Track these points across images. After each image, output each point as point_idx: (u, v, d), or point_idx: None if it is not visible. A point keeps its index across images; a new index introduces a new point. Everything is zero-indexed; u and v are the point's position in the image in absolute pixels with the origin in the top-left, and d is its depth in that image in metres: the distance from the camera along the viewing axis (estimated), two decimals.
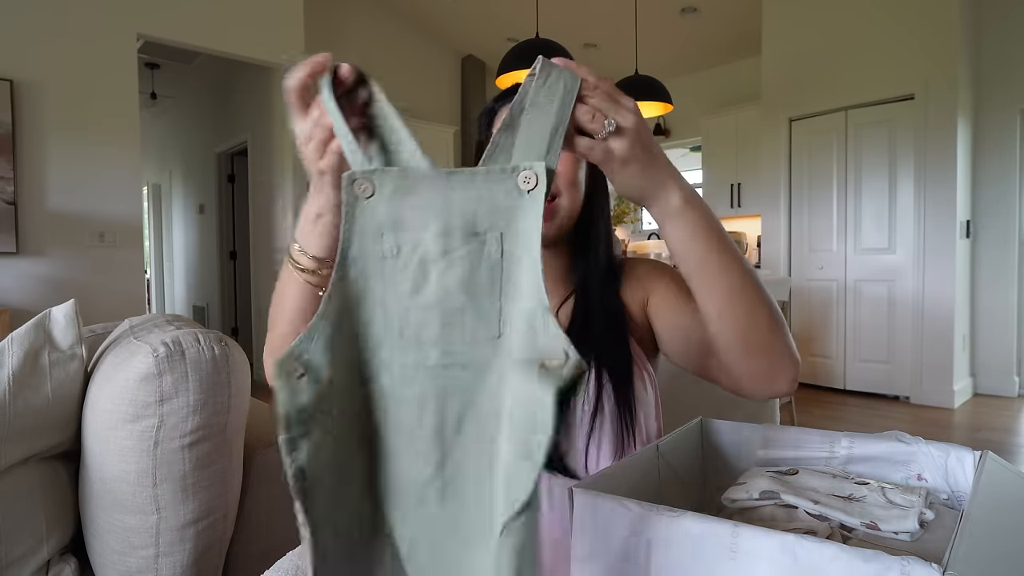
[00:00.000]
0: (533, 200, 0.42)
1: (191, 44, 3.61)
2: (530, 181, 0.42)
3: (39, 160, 3.08)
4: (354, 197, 0.43)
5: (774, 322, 0.59)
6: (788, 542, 0.40)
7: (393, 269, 0.43)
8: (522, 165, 0.42)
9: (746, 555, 0.42)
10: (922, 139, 3.84)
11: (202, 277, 5.95)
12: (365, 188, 0.43)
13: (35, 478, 0.88)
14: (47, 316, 0.91)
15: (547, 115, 0.44)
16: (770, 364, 0.59)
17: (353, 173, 0.44)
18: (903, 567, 0.37)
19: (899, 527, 0.50)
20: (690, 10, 4.77)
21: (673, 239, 0.55)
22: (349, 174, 0.44)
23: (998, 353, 4.02)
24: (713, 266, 0.55)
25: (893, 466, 0.62)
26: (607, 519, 0.50)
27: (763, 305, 0.58)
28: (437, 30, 5.59)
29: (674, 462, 0.66)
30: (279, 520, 1.02)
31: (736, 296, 0.56)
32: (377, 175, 0.43)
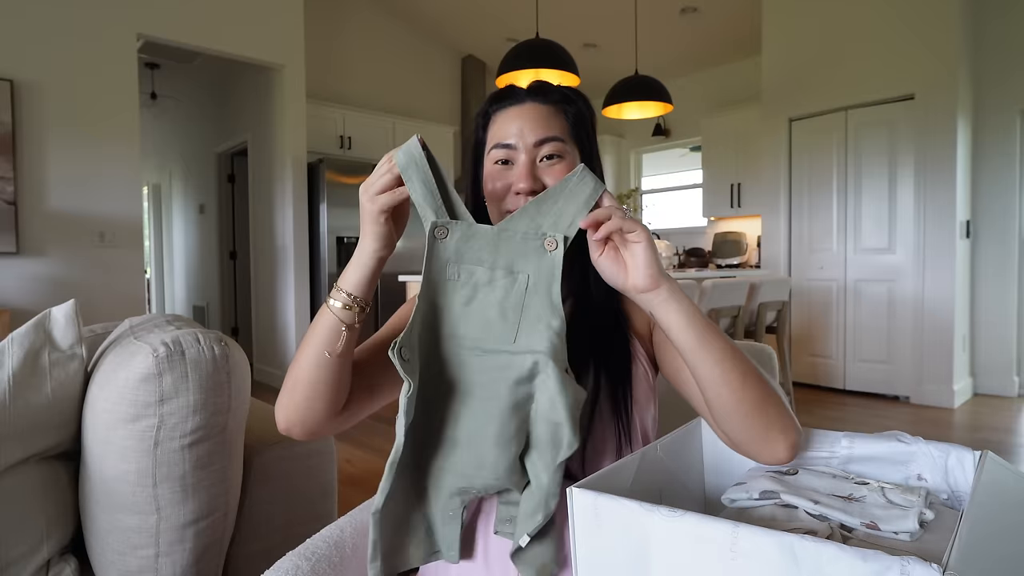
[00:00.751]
0: (554, 257, 0.62)
1: (191, 44, 3.61)
2: (551, 245, 0.62)
3: (39, 160, 3.08)
4: (434, 238, 0.62)
5: (766, 393, 0.62)
6: (788, 542, 0.40)
7: (454, 288, 0.63)
8: (549, 234, 0.62)
9: (746, 555, 0.42)
10: (922, 139, 3.84)
11: (202, 277, 5.95)
12: (442, 232, 0.63)
13: (35, 478, 0.88)
14: (47, 316, 0.91)
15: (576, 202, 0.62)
16: (767, 432, 0.61)
17: (435, 222, 0.62)
18: (903, 567, 0.37)
19: (899, 527, 0.50)
20: (690, 10, 4.77)
21: (672, 319, 0.61)
22: (433, 222, 0.62)
23: (998, 353, 4.02)
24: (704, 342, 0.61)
25: (893, 466, 0.62)
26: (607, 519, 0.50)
27: (754, 377, 0.62)
28: (437, 30, 5.59)
29: (674, 462, 0.66)
30: (279, 520, 1.02)
31: (729, 367, 0.61)
32: (451, 225, 0.63)
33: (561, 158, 0.73)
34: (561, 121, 0.74)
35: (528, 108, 0.74)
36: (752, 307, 3.39)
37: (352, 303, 0.66)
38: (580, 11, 4.90)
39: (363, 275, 0.66)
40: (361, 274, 0.66)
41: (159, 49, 4.05)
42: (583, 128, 0.76)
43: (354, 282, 0.66)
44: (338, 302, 0.66)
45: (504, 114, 0.75)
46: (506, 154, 0.73)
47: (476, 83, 6.04)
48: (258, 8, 3.88)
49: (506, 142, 0.73)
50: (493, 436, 0.60)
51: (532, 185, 0.71)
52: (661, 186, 6.42)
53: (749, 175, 5.08)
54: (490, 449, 0.61)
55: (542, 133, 0.72)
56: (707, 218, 5.66)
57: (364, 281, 0.66)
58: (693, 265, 5.31)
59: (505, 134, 0.74)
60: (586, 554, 0.51)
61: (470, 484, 0.63)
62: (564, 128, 0.74)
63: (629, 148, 6.48)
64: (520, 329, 0.61)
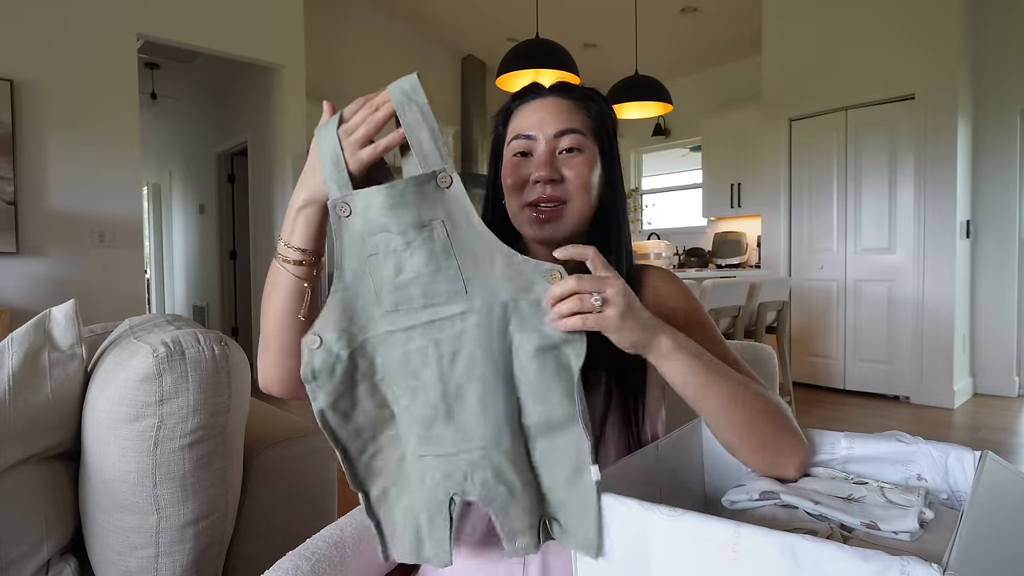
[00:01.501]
0: (454, 192, 0.56)
1: (191, 44, 3.61)
2: (445, 181, 0.56)
3: (39, 160, 3.08)
4: (338, 218, 0.58)
5: (775, 426, 0.62)
6: (788, 542, 0.40)
7: (376, 263, 0.57)
8: (436, 169, 0.56)
9: (746, 555, 0.42)
10: (922, 139, 3.84)
11: (202, 277, 5.95)
12: (344, 210, 0.58)
13: (35, 478, 0.88)
14: (47, 316, 0.91)
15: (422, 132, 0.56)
16: (776, 459, 0.63)
17: (334, 200, 0.58)
18: (903, 567, 0.37)
19: (899, 527, 0.50)
20: (690, 10, 4.77)
21: (670, 375, 0.60)
22: (331, 201, 0.58)
23: (998, 353, 4.02)
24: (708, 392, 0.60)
25: (893, 466, 0.62)
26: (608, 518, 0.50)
27: (762, 414, 0.62)
28: (437, 30, 5.59)
29: (674, 462, 0.66)
30: (279, 520, 1.02)
31: (734, 411, 0.60)
32: (349, 199, 0.57)
33: (580, 151, 0.72)
34: (582, 116, 0.74)
35: (550, 101, 0.74)
36: (752, 307, 3.39)
37: (305, 258, 0.63)
38: (580, 11, 4.90)
39: (314, 231, 0.63)
40: (313, 230, 0.63)
41: (159, 49, 4.05)
42: (604, 127, 0.76)
43: (305, 237, 0.63)
44: (290, 260, 0.63)
45: (526, 108, 0.75)
46: (526, 145, 0.73)
47: (476, 83, 6.04)
48: (258, 8, 3.88)
49: (527, 133, 0.73)
50: (475, 397, 0.56)
51: (551, 174, 0.71)
52: (661, 186, 6.42)
53: (749, 175, 5.08)
54: (473, 413, 0.56)
55: (563, 124, 0.72)
56: (707, 218, 5.66)
57: (315, 235, 0.63)
58: (693, 265, 5.31)
59: (526, 125, 0.74)
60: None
61: (455, 468, 0.57)
62: (585, 123, 0.74)
63: (629, 148, 6.48)
64: (465, 277, 0.56)
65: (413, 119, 0.56)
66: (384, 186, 0.56)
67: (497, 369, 0.56)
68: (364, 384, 0.59)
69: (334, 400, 0.58)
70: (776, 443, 0.62)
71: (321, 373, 0.57)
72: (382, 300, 0.57)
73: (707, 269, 5.03)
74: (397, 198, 0.56)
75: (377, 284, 0.57)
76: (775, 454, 0.62)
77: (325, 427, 0.58)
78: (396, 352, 0.58)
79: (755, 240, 5.09)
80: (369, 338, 0.58)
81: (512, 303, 0.55)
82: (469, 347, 0.56)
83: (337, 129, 0.59)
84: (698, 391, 0.60)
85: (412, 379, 0.58)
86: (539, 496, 0.57)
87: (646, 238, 5.72)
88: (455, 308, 0.56)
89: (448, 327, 0.56)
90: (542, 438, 0.56)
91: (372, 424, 0.60)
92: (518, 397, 0.56)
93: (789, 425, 0.63)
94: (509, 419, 0.56)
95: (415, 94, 0.56)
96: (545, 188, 0.71)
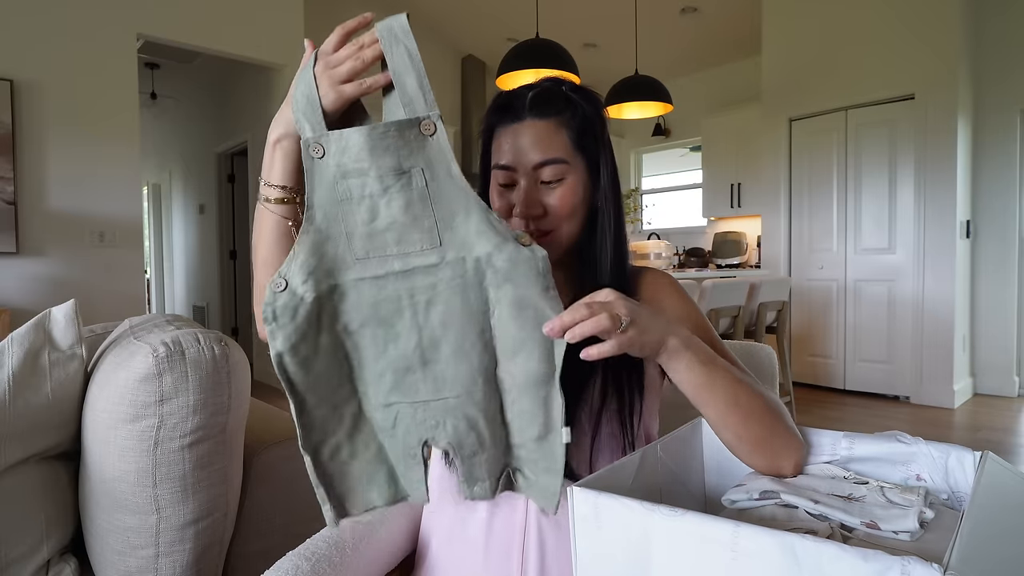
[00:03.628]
0: (438, 140, 0.54)
1: (191, 44, 3.61)
2: (429, 128, 0.54)
3: (39, 160, 3.08)
4: (311, 159, 0.55)
5: (772, 424, 0.63)
6: (789, 542, 0.40)
7: (349, 208, 0.55)
8: (421, 116, 0.53)
9: (746, 555, 0.42)
10: (922, 139, 3.84)
11: (202, 277, 5.95)
12: (317, 150, 0.55)
13: (35, 478, 0.88)
14: (47, 316, 0.91)
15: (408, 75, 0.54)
16: (773, 456, 0.64)
17: (307, 140, 0.55)
18: (903, 567, 0.37)
19: (899, 527, 0.50)
20: (690, 10, 4.77)
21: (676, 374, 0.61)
22: (305, 140, 0.55)
23: (998, 353, 4.02)
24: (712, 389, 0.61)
25: (893, 466, 0.62)
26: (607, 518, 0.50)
27: (760, 414, 0.62)
28: (437, 30, 5.58)
29: (674, 462, 0.66)
30: (279, 520, 1.02)
31: (734, 410, 0.61)
32: (323, 139, 0.55)
33: (562, 179, 0.71)
34: (562, 138, 0.71)
35: (527, 127, 0.71)
36: (752, 307, 3.39)
37: (286, 195, 0.63)
38: (580, 11, 4.90)
39: (294, 165, 0.62)
40: (292, 164, 0.62)
41: (159, 49, 4.05)
42: (589, 134, 0.73)
43: (284, 172, 0.63)
44: (271, 200, 0.63)
45: (504, 132, 0.73)
46: (507, 176, 0.72)
47: (476, 83, 6.04)
48: (258, 8, 3.88)
49: (505, 163, 0.72)
50: (450, 348, 0.55)
51: (531, 211, 0.71)
52: (661, 186, 6.42)
53: (749, 175, 5.08)
54: (448, 364, 0.56)
55: (541, 155, 0.70)
56: (707, 218, 5.66)
57: (295, 170, 0.63)
58: (693, 265, 5.31)
59: (504, 155, 0.72)
60: (586, 553, 0.51)
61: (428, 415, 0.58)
62: (566, 145, 0.71)
63: (629, 148, 6.48)
64: (440, 228, 0.55)
65: (400, 61, 0.54)
66: (365, 127, 0.54)
67: (473, 321, 0.55)
68: (327, 332, 0.57)
69: (294, 344, 0.56)
70: (773, 444, 0.63)
71: (283, 314, 0.55)
72: (354, 246, 0.56)
73: (707, 269, 5.03)
74: (378, 140, 0.53)
75: (349, 229, 0.56)
76: (772, 456, 0.63)
77: (282, 373, 0.56)
78: (366, 300, 0.57)
79: (755, 240, 5.09)
80: (338, 284, 0.57)
81: (486, 258, 0.54)
82: (445, 297, 0.55)
83: (314, 67, 0.58)
84: (701, 389, 0.61)
85: (385, 327, 0.57)
86: (506, 448, 0.59)
87: (646, 238, 5.72)
88: (428, 259, 0.55)
89: (421, 277, 0.55)
90: (516, 393, 0.57)
91: (331, 376, 0.58)
92: (494, 350, 0.56)
93: (786, 424, 0.64)
94: (484, 372, 0.56)
95: (405, 36, 0.54)
96: (528, 223, 0.71)
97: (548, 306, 0.54)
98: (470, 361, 0.56)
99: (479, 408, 0.57)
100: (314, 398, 0.58)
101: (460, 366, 0.56)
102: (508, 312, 0.55)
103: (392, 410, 0.59)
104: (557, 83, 0.74)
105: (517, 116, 0.72)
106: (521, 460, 0.59)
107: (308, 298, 0.55)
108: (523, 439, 0.57)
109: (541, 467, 0.57)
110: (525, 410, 0.56)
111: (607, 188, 0.75)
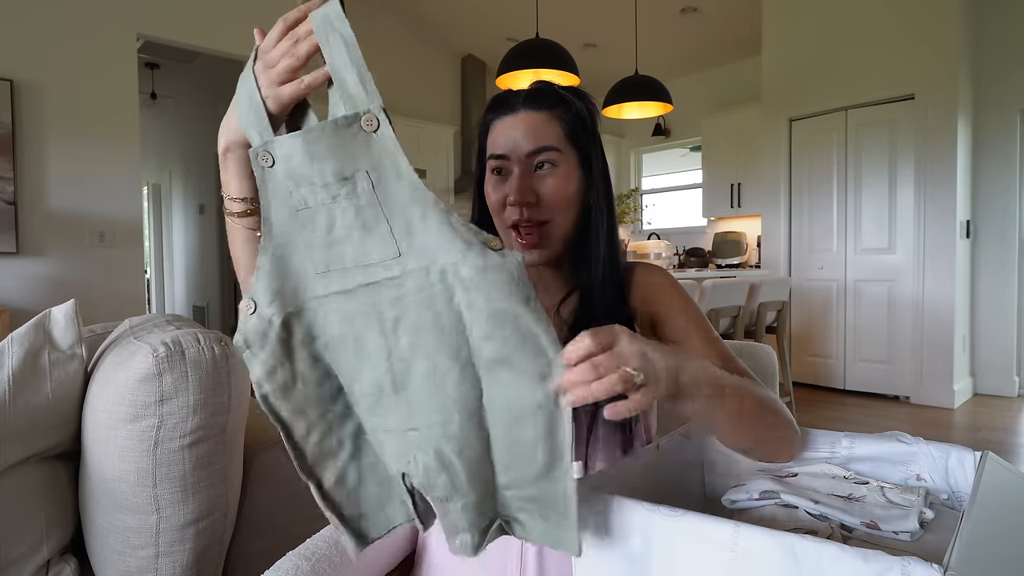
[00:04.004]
0: (381, 136, 0.47)
1: (191, 44, 3.61)
2: (371, 124, 0.47)
3: (39, 160, 3.08)
4: (261, 169, 0.50)
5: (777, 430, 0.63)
6: (789, 542, 0.40)
7: (307, 218, 0.50)
8: (360, 111, 0.47)
9: (746, 555, 0.42)
10: (922, 139, 3.84)
11: (202, 277, 5.95)
12: (266, 159, 0.50)
13: (35, 478, 0.88)
14: (47, 316, 0.91)
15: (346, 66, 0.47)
16: (775, 454, 0.66)
17: (255, 149, 0.50)
18: (904, 567, 0.37)
19: (899, 527, 0.50)
20: (690, 10, 4.77)
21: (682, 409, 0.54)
22: (253, 150, 0.50)
23: (998, 353, 4.02)
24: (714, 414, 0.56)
25: (893, 466, 0.62)
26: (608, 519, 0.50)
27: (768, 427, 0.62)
28: (437, 30, 5.58)
29: (674, 462, 0.66)
30: (279, 520, 1.02)
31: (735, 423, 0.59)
32: (270, 147, 0.50)
33: (555, 166, 0.73)
34: (555, 129, 0.73)
35: (522, 118, 0.73)
36: (752, 307, 3.39)
37: (248, 207, 0.61)
38: (580, 11, 4.89)
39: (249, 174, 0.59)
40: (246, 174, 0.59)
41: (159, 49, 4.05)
42: (581, 130, 0.75)
43: (240, 186, 0.60)
44: (234, 213, 0.61)
45: (499, 124, 0.75)
46: (501, 164, 0.74)
47: (476, 83, 6.03)
48: (258, 8, 3.87)
49: (500, 153, 0.74)
50: (422, 372, 0.49)
51: (524, 197, 0.72)
52: (661, 186, 6.42)
53: (749, 175, 5.08)
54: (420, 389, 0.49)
55: (535, 143, 0.72)
56: (707, 218, 5.66)
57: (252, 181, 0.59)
58: (693, 265, 5.31)
59: (499, 145, 0.74)
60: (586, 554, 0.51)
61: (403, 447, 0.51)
62: (559, 135, 0.73)
63: (629, 148, 6.48)
64: (397, 236, 0.48)
65: (337, 52, 0.48)
66: (300, 132, 0.48)
67: (445, 340, 0.48)
68: (303, 353, 0.52)
69: (270, 370, 0.52)
70: (774, 444, 0.64)
71: (255, 340, 0.51)
72: (315, 259, 0.51)
73: (707, 269, 5.03)
74: (314, 144, 0.48)
75: (309, 241, 0.50)
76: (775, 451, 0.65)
77: (264, 402, 0.52)
78: (335, 317, 0.51)
79: (755, 240, 5.08)
80: (306, 300, 0.52)
81: (452, 269, 0.46)
82: (414, 313, 0.48)
83: (254, 65, 0.53)
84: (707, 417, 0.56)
85: (357, 346, 0.51)
86: (492, 492, 0.50)
87: (646, 238, 5.72)
88: (390, 271, 0.49)
89: (386, 291, 0.49)
90: (506, 427, 0.48)
91: (317, 400, 0.53)
92: (476, 376, 0.48)
93: (784, 424, 0.64)
94: (461, 403, 0.48)
95: (339, 23, 0.47)
96: (522, 211, 0.72)
97: (532, 320, 0.45)
98: (443, 388, 0.48)
99: (455, 445, 0.48)
100: (303, 425, 0.53)
101: (433, 394, 0.48)
102: (485, 329, 0.46)
103: (376, 435, 0.54)
104: (551, 84, 0.77)
105: (512, 109, 0.75)
106: (514, 505, 0.50)
107: (276, 320, 0.51)
108: (516, 478, 0.49)
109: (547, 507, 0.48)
110: (519, 442, 0.47)
111: (599, 184, 0.77)
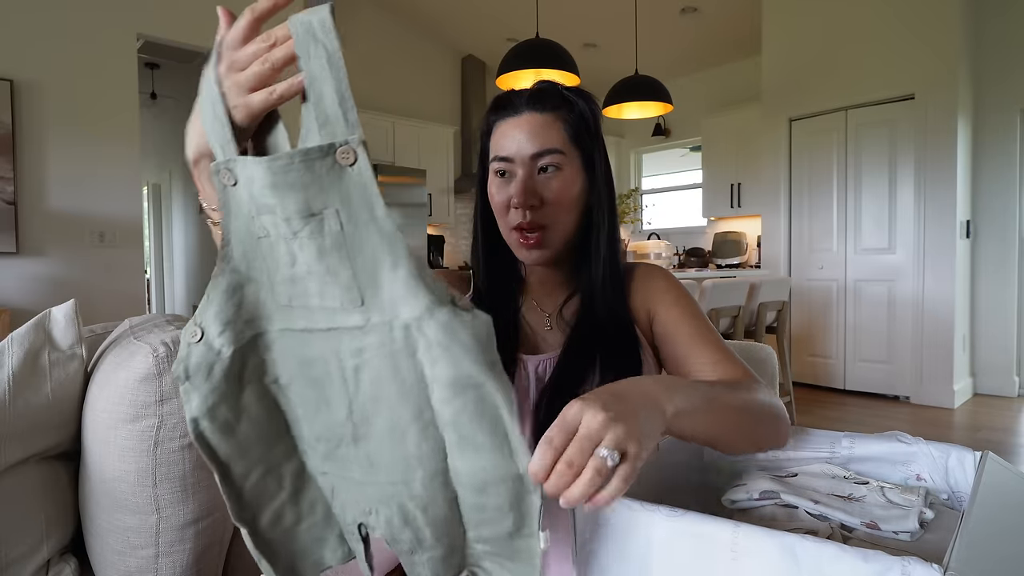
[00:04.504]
0: (359, 171, 0.40)
1: (191, 44, 3.61)
2: (347, 157, 0.40)
3: (39, 160, 3.08)
4: (223, 187, 0.44)
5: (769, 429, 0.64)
6: (788, 542, 0.40)
7: (269, 247, 0.45)
8: (338, 142, 0.40)
9: (746, 555, 0.42)
10: (922, 139, 3.84)
11: (202, 277, 5.95)
12: (228, 178, 0.44)
13: (35, 478, 0.88)
14: (47, 316, 0.91)
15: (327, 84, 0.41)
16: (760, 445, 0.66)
17: (217, 164, 0.44)
18: (904, 567, 0.37)
19: (899, 527, 0.50)
20: (690, 10, 4.77)
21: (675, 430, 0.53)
22: (214, 165, 0.44)
23: (998, 353, 4.02)
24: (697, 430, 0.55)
25: (893, 466, 0.62)
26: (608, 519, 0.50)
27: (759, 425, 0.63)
28: (437, 30, 5.58)
29: (674, 462, 0.66)
30: None
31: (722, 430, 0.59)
32: (232, 164, 0.43)
33: (559, 169, 0.73)
34: (558, 130, 0.73)
35: (525, 119, 0.73)
36: (752, 307, 3.39)
37: None
38: (580, 11, 4.90)
39: None
40: None
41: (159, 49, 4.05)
42: (585, 131, 0.75)
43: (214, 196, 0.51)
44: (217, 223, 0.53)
45: (503, 125, 0.75)
46: (505, 167, 0.74)
47: (476, 83, 6.04)
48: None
49: (504, 155, 0.74)
50: (384, 426, 0.45)
51: (528, 200, 0.71)
52: (661, 186, 6.42)
53: (749, 175, 5.08)
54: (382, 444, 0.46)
55: (538, 146, 0.72)
56: (707, 218, 5.66)
57: None
58: (693, 265, 5.31)
59: (503, 147, 0.74)
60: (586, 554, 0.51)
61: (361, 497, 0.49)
62: (562, 137, 0.73)
63: (629, 148, 6.48)
64: (362, 285, 0.43)
65: (318, 66, 0.41)
66: (265, 159, 0.41)
67: (407, 399, 0.44)
68: (253, 387, 0.48)
69: (211, 407, 0.47)
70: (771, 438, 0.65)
71: (197, 373, 0.47)
72: (276, 291, 0.46)
73: (707, 269, 5.03)
74: (280, 175, 0.41)
75: (271, 269, 0.45)
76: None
77: (199, 440, 0.47)
78: (292, 355, 0.48)
79: (755, 240, 5.09)
80: (262, 333, 0.48)
81: (416, 324, 0.42)
82: (375, 365, 0.44)
83: (217, 66, 0.45)
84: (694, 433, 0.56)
85: (315, 389, 0.47)
86: (461, 547, 0.48)
87: (646, 238, 5.72)
88: (352, 319, 0.44)
89: (348, 340, 0.45)
90: (473, 490, 0.45)
91: (261, 438, 0.49)
92: (441, 437, 0.45)
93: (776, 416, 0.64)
94: (423, 462, 0.45)
95: (325, 34, 0.40)
96: (525, 214, 0.72)
97: (494, 388, 0.41)
98: (404, 448, 0.45)
99: (418, 502, 0.46)
100: (243, 465, 0.49)
101: (395, 449, 0.45)
102: (445, 394, 0.43)
103: (328, 479, 0.51)
104: (554, 84, 0.77)
105: (516, 110, 0.74)
106: (481, 555, 0.48)
107: (226, 352, 0.46)
108: (486, 536, 0.47)
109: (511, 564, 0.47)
110: (486, 508, 0.45)
111: (602, 185, 0.77)
